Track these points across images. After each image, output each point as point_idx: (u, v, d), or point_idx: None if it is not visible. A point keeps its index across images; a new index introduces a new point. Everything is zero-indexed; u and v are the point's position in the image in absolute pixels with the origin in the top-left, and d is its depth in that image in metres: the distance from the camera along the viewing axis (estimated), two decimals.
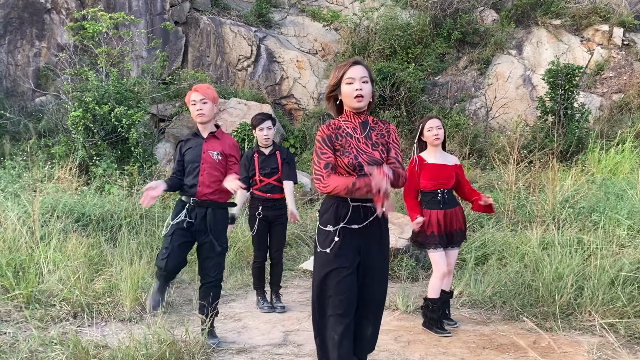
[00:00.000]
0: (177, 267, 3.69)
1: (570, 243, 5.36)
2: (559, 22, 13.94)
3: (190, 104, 3.74)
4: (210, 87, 3.82)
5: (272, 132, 4.78)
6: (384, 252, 2.82)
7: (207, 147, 3.75)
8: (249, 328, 4.29)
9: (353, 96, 2.69)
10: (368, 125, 2.80)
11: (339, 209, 2.71)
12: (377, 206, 2.56)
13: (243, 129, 10.28)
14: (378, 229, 2.77)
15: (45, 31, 12.64)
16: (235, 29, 13.48)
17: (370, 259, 2.75)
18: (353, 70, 2.69)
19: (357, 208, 2.71)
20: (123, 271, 4.67)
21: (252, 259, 5.88)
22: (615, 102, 12.54)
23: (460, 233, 4.23)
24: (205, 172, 3.69)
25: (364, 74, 2.70)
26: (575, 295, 4.39)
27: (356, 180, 2.57)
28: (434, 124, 4.21)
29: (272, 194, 4.75)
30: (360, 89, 2.68)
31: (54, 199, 6.53)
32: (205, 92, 3.72)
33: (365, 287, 2.74)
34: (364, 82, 2.70)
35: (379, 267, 2.78)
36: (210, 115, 3.75)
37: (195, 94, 3.72)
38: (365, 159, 2.70)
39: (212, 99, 3.75)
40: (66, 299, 4.43)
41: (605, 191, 7.63)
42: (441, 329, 4.08)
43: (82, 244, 5.38)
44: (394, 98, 11.61)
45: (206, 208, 3.70)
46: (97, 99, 9.30)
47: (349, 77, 2.69)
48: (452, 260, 4.24)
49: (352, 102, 2.71)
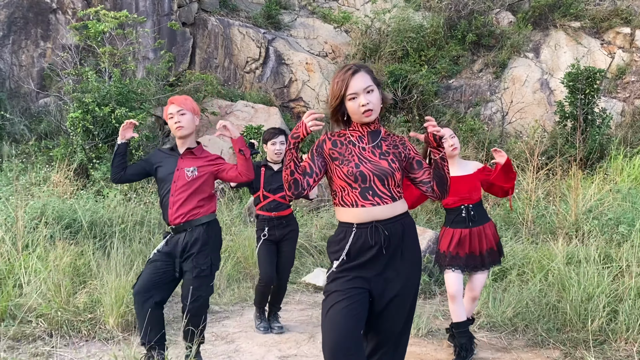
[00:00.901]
0: (147, 286, 3.22)
1: (597, 259, 4.87)
2: (578, 24, 13.44)
3: (168, 118, 3.35)
4: (188, 98, 3.42)
5: (284, 147, 4.33)
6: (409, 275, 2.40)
7: (182, 164, 3.34)
8: (241, 352, 3.85)
9: (361, 112, 2.37)
10: (379, 134, 2.47)
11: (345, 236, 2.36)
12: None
13: (249, 132, 9.94)
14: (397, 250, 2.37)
15: (50, 31, 12.40)
16: (244, 30, 13.16)
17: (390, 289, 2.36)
18: (353, 82, 2.34)
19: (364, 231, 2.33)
20: (107, 284, 4.27)
21: (251, 270, 5.49)
22: (637, 107, 12.00)
23: (490, 254, 3.70)
24: (177, 192, 3.28)
25: (367, 83, 2.36)
26: (608, 319, 3.91)
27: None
28: (447, 133, 3.75)
29: (277, 211, 4.35)
30: (366, 103, 2.35)
31: (44, 203, 6.17)
32: (183, 103, 3.33)
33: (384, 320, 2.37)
34: (369, 91, 2.36)
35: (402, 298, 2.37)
36: (190, 128, 3.35)
37: (172, 106, 3.33)
38: (370, 167, 2.36)
39: (192, 110, 3.35)
40: (44, 314, 4.05)
41: (631, 201, 7.12)
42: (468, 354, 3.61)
43: (69, 252, 5.00)
44: (405, 102, 11.19)
45: (184, 231, 3.29)
46: (98, 100, 8.99)
47: (351, 93, 2.35)
48: (477, 285, 3.76)
49: (362, 118, 2.40)
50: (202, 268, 3.23)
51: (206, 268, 3.25)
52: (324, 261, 6.12)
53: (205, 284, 3.27)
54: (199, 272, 3.23)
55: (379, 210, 2.35)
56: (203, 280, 3.25)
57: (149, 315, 3.16)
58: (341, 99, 2.38)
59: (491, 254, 3.71)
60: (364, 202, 2.35)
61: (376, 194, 2.35)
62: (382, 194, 2.36)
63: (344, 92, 2.35)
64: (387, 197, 2.36)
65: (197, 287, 3.22)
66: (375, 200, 2.35)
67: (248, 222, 7.07)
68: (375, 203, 2.34)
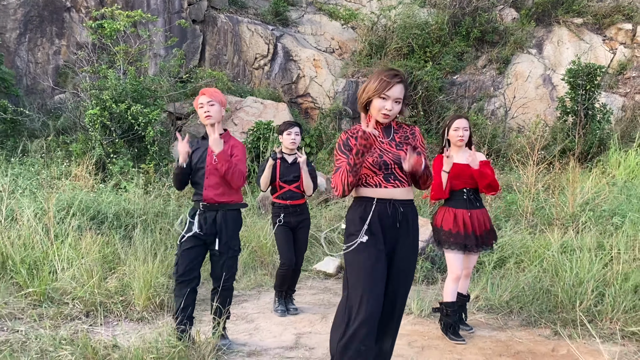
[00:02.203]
0: (189, 272, 3.60)
1: (591, 247, 5.22)
2: (580, 20, 13.67)
3: (198, 107, 3.72)
4: (217, 90, 3.79)
5: (299, 138, 4.76)
6: (412, 252, 2.83)
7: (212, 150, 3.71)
8: (261, 330, 4.24)
9: (381, 112, 2.77)
10: (392, 129, 2.89)
11: (366, 209, 2.76)
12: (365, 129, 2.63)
13: (259, 128, 10.26)
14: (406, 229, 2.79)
15: (64, 29, 12.76)
16: (252, 27, 13.48)
17: (397, 260, 2.78)
18: (393, 88, 2.73)
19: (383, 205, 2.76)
20: (136, 270, 4.66)
21: (266, 259, 5.87)
22: (638, 102, 12.25)
23: (485, 237, 4.06)
24: (211, 174, 3.66)
25: (400, 95, 2.77)
26: (595, 301, 4.26)
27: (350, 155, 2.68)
28: (461, 124, 4.10)
29: (292, 200, 4.69)
30: (389, 110, 2.75)
31: (70, 196, 6.56)
32: (212, 95, 3.71)
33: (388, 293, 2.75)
34: (397, 102, 2.77)
35: (405, 270, 2.79)
36: (217, 117, 3.70)
37: (203, 97, 3.71)
38: (391, 157, 2.79)
39: (220, 102, 3.72)
40: (79, 297, 4.44)
41: (627, 194, 7.44)
42: (456, 336, 3.99)
43: (97, 242, 5.39)
44: (411, 97, 11.48)
45: (215, 211, 3.67)
46: (115, 97, 9.36)
47: (385, 94, 2.74)
48: (471, 264, 4.14)
49: (378, 116, 2.80)
50: (234, 249, 3.67)
51: (237, 249, 3.70)
52: (333, 250, 6.48)
53: (235, 263, 3.72)
54: (233, 253, 3.66)
55: (399, 191, 2.81)
56: (234, 260, 3.70)
57: (186, 296, 3.56)
58: (376, 95, 2.75)
59: (486, 237, 4.05)
60: (387, 184, 2.79)
61: (397, 178, 2.81)
62: (402, 178, 2.82)
63: (383, 91, 2.72)
64: (405, 180, 2.82)
65: (231, 265, 3.67)
66: (395, 183, 2.80)
67: (261, 213, 7.44)
68: (395, 185, 2.80)
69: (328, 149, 10.71)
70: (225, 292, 3.69)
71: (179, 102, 11.81)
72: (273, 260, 5.98)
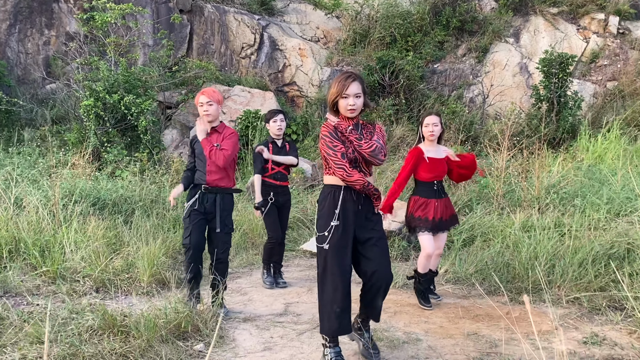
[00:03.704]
0: (200, 242, 4.18)
1: (550, 226, 5.81)
2: (556, 10, 14.21)
3: (198, 105, 4.27)
4: (215, 90, 4.33)
5: (284, 125, 5.34)
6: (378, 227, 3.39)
7: (210, 139, 4.26)
8: (254, 300, 4.78)
9: (347, 109, 3.31)
10: (360, 126, 3.47)
11: (335, 195, 3.33)
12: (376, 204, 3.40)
13: (247, 117, 10.68)
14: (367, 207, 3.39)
15: (54, 20, 13.00)
16: (239, 17, 13.81)
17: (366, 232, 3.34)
18: (350, 87, 3.28)
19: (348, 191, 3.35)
20: (140, 250, 5.15)
21: (256, 240, 6.38)
22: (609, 89, 12.87)
23: (452, 219, 4.65)
24: (210, 163, 4.23)
25: (358, 90, 3.30)
26: (548, 272, 4.85)
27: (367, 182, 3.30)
28: (430, 120, 4.56)
29: (281, 181, 5.32)
30: (353, 104, 3.29)
31: (71, 184, 7.00)
32: (212, 96, 4.26)
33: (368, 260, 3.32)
34: (357, 97, 3.31)
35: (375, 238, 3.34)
36: (215, 116, 4.29)
37: (203, 97, 4.26)
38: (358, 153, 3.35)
39: (217, 101, 4.29)
40: (88, 275, 4.92)
41: (590, 177, 8.05)
42: (425, 301, 4.56)
43: (100, 226, 5.86)
44: (393, 86, 11.97)
45: (215, 194, 4.25)
46: (108, 88, 9.72)
47: (344, 93, 3.29)
48: (441, 243, 4.66)
49: (346, 113, 3.33)
50: (230, 227, 4.29)
51: (231, 227, 4.30)
52: None
53: (230, 239, 4.35)
54: (228, 230, 4.27)
55: None
56: (229, 236, 4.32)
57: (194, 266, 4.16)
58: (339, 96, 3.30)
59: (450, 221, 4.65)
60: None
61: (361, 169, 3.38)
62: (365, 170, 3.40)
63: (342, 92, 3.28)
64: (367, 172, 3.41)
65: (226, 241, 4.28)
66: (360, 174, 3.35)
67: (252, 198, 7.94)
68: None
69: (313, 135, 11.18)
70: (221, 264, 4.24)
71: (168, 92, 12.18)
72: (263, 242, 6.50)
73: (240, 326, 4.09)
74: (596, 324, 4.06)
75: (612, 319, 4.09)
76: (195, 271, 4.18)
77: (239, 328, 4.04)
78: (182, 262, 5.61)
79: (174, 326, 3.67)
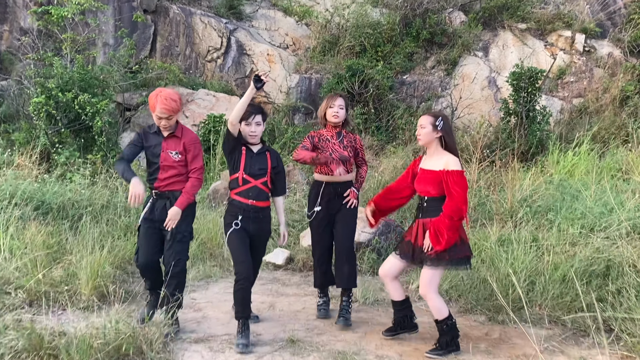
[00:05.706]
0: (150, 259, 3.75)
1: (526, 240, 5.54)
2: (524, 26, 14.28)
3: (156, 115, 3.77)
4: (175, 98, 3.74)
5: (260, 129, 3.97)
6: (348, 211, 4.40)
7: (166, 146, 3.81)
8: (209, 318, 4.30)
9: (332, 115, 4.43)
10: (342, 135, 4.50)
11: (318, 188, 4.44)
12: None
13: (211, 121, 10.23)
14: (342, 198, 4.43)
15: (7, 14, 12.29)
16: (206, 19, 13.37)
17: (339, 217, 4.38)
18: (336, 101, 4.43)
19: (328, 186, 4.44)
20: (83, 259, 4.61)
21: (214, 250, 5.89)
22: (575, 105, 12.94)
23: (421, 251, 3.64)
24: (164, 170, 3.78)
25: (341, 103, 4.46)
26: (527, 290, 4.55)
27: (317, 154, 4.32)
28: (419, 122, 3.83)
29: (256, 200, 3.90)
30: (337, 112, 4.42)
31: (12, 185, 6.38)
32: (171, 110, 3.71)
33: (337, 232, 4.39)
34: (341, 108, 4.44)
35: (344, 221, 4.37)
36: (173, 126, 3.83)
37: (162, 112, 3.72)
38: (337, 155, 4.37)
39: (177, 112, 3.79)
40: (22, 286, 4.36)
41: (561, 191, 7.89)
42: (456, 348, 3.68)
43: (41, 232, 5.28)
44: (362, 95, 11.71)
45: (167, 199, 3.78)
46: (61, 85, 9.12)
47: (331, 104, 4.43)
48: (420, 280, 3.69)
49: (331, 119, 4.45)
50: (184, 234, 3.73)
51: (187, 234, 3.73)
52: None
53: (185, 249, 3.77)
54: (181, 237, 3.72)
55: (340, 177, 4.41)
56: (184, 245, 3.75)
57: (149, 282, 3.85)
58: (327, 107, 4.43)
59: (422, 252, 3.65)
60: (332, 174, 4.41)
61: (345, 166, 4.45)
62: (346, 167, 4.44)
63: (330, 103, 4.42)
64: (345, 172, 4.41)
65: (179, 251, 3.72)
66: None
67: (212, 206, 7.45)
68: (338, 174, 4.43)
69: (280, 143, 10.78)
70: (173, 278, 3.71)
71: (128, 93, 11.60)
72: (222, 252, 6.02)
73: (191, 348, 3.62)
74: (583, 347, 3.77)
75: (599, 341, 3.79)
76: (151, 284, 3.81)
77: (190, 350, 3.57)
78: (131, 272, 5.10)
79: (113, 348, 3.18)
